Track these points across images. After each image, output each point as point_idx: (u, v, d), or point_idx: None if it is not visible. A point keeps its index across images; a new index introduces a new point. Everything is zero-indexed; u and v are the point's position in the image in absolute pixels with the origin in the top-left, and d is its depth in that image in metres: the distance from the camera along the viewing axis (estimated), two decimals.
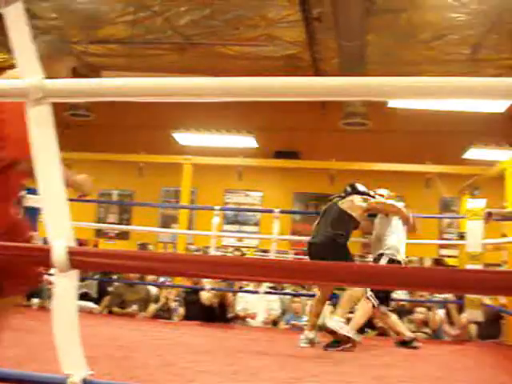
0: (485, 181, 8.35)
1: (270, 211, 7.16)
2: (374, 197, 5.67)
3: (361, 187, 5.69)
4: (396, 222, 5.56)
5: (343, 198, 5.57)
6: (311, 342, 5.21)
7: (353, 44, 7.10)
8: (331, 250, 5.18)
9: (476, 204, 6.08)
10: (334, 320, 5.10)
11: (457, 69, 8.71)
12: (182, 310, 6.84)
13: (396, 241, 5.46)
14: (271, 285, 7.00)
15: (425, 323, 6.64)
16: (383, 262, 5.34)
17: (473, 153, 9.42)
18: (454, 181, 8.10)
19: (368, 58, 8.25)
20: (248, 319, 7.01)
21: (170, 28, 8.30)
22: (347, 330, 5.01)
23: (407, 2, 7.06)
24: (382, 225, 5.62)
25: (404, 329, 5.61)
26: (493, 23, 7.30)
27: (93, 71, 9.89)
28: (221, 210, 7.95)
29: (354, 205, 5.42)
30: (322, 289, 5.40)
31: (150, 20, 8.13)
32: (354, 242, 6.12)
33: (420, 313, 6.65)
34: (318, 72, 9.42)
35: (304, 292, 7.25)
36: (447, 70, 8.86)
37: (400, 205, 5.68)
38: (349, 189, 5.67)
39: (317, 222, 5.56)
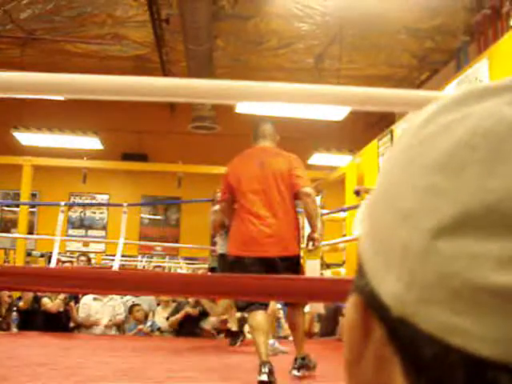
0: (328, 184, 8.76)
1: (120, 205, 6.99)
2: None
3: None
4: None
5: None
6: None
7: (200, 48, 7.11)
8: None
9: None
10: None
11: (302, 77, 9.01)
12: (19, 320, 6.45)
13: None
14: None
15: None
16: None
17: (317, 158, 9.81)
18: None
19: (216, 62, 8.31)
20: (93, 326, 6.75)
21: (11, 21, 7.83)
22: None
23: (254, 9, 7.20)
24: None
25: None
26: (335, 34, 7.66)
27: None
28: (66, 205, 7.52)
29: None
30: None
31: None
32: None
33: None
34: (166, 74, 9.32)
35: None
36: (293, 78, 9.14)
37: None
38: None
39: None
